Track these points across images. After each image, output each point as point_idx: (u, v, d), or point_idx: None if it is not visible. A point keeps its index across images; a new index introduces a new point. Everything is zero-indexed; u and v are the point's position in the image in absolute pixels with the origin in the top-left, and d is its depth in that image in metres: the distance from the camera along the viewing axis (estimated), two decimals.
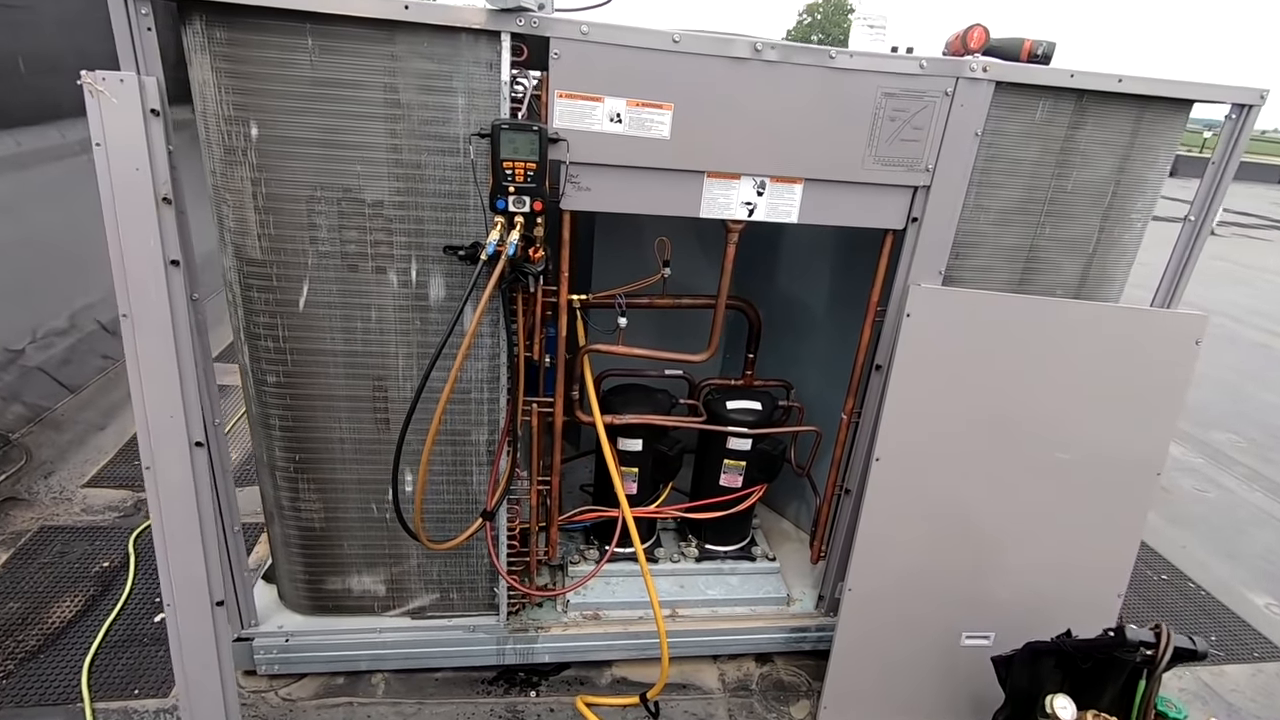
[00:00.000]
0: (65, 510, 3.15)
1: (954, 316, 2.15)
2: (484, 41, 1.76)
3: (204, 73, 1.74)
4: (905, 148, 1.99)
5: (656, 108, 1.86)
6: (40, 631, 2.56)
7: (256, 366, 2.07)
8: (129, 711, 2.31)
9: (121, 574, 2.83)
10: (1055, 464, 2.28)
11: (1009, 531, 2.35)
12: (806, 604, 2.70)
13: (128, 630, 2.59)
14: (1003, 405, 2.23)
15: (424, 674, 2.51)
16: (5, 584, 2.75)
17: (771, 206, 2.03)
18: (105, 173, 1.69)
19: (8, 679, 2.37)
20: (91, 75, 1.63)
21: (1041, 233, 2.18)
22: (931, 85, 1.93)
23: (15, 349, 3.63)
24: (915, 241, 2.11)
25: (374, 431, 2.17)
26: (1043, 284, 2.26)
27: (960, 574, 2.40)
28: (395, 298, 2.00)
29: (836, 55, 1.86)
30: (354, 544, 2.33)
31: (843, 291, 2.80)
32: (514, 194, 1.83)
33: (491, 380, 2.14)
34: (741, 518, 2.74)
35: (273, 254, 1.92)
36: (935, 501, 2.32)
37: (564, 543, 2.80)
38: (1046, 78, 1.96)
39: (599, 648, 2.55)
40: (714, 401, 2.62)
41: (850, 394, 2.39)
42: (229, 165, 1.83)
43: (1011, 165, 2.07)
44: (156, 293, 1.77)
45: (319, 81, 1.75)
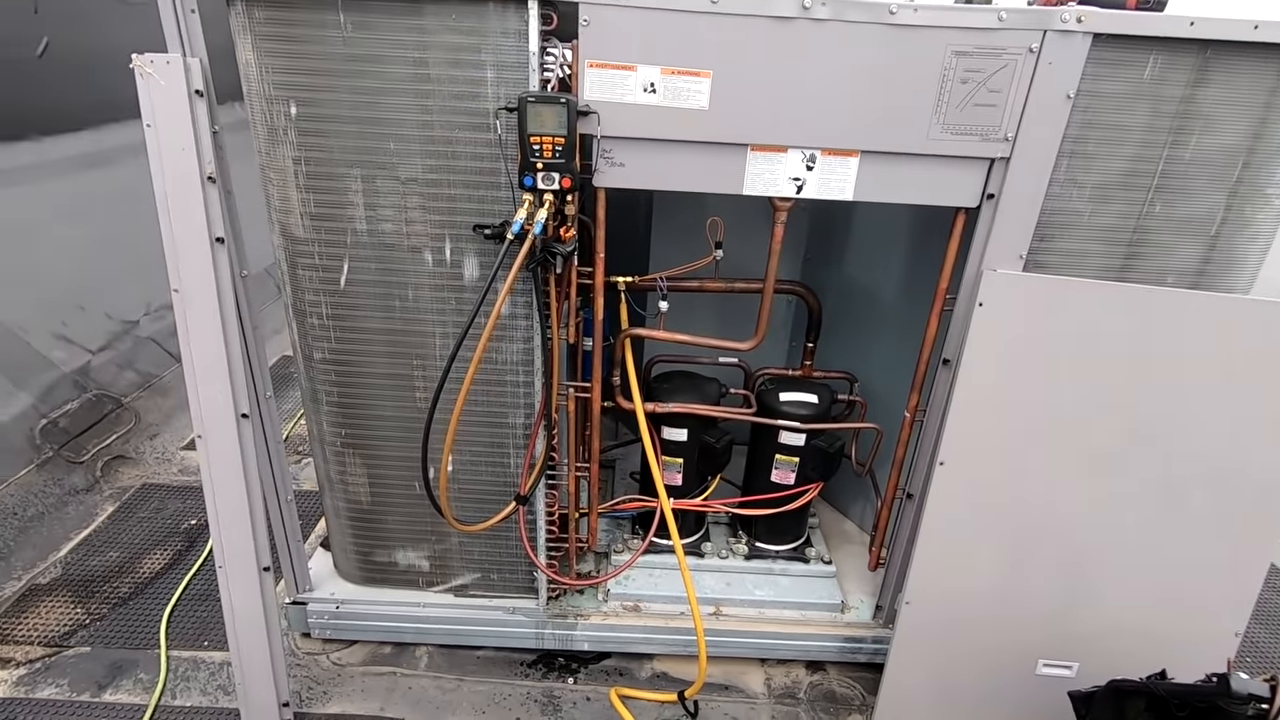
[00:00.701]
0: (165, 470, 3.43)
1: (1035, 307, 1.90)
2: (511, 10, 1.68)
3: (247, 53, 1.77)
4: (979, 114, 1.76)
5: (694, 75, 1.72)
6: (132, 580, 2.80)
7: (305, 342, 2.13)
8: (198, 661, 2.47)
9: (206, 532, 3.03)
10: (1161, 479, 1.98)
11: (1099, 552, 2.07)
12: (863, 613, 2.52)
13: (205, 585, 2.78)
14: (1093, 411, 1.95)
15: (465, 651, 2.54)
16: (109, 534, 3.02)
17: (823, 182, 1.86)
18: (155, 152, 1.76)
19: (101, 621, 2.60)
20: (141, 58, 1.69)
21: (1150, 211, 1.88)
22: (1012, 41, 1.69)
23: (131, 320, 3.98)
24: (991, 221, 1.87)
25: (414, 410, 2.18)
26: (1150, 270, 1.95)
27: (1038, 595, 2.15)
28: (431, 276, 1.99)
29: (898, 10, 1.66)
30: (398, 519, 2.37)
31: (915, 278, 2.55)
32: (542, 170, 1.76)
33: (526, 363, 2.09)
34: (795, 516, 2.58)
35: (315, 231, 1.95)
36: (1007, 513, 2.08)
37: (610, 530, 2.75)
38: (1159, 27, 1.67)
39: (638, 640, 2.48)
40: (767, 393, 2.46)
41: (915, 390, 2.18)
42: (272, 144, 1.86)
43: (1112, 132, 1.79)
44: (203, 269, 1.84)
45: (353, 58, 1.74)
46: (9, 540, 2.87)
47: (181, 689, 2.36)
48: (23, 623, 2.56)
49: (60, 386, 3.44)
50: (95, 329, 3.80)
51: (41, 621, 2.57)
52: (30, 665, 2.41)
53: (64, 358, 3.56)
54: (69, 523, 3.04)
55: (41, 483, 3.11)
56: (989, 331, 1.92)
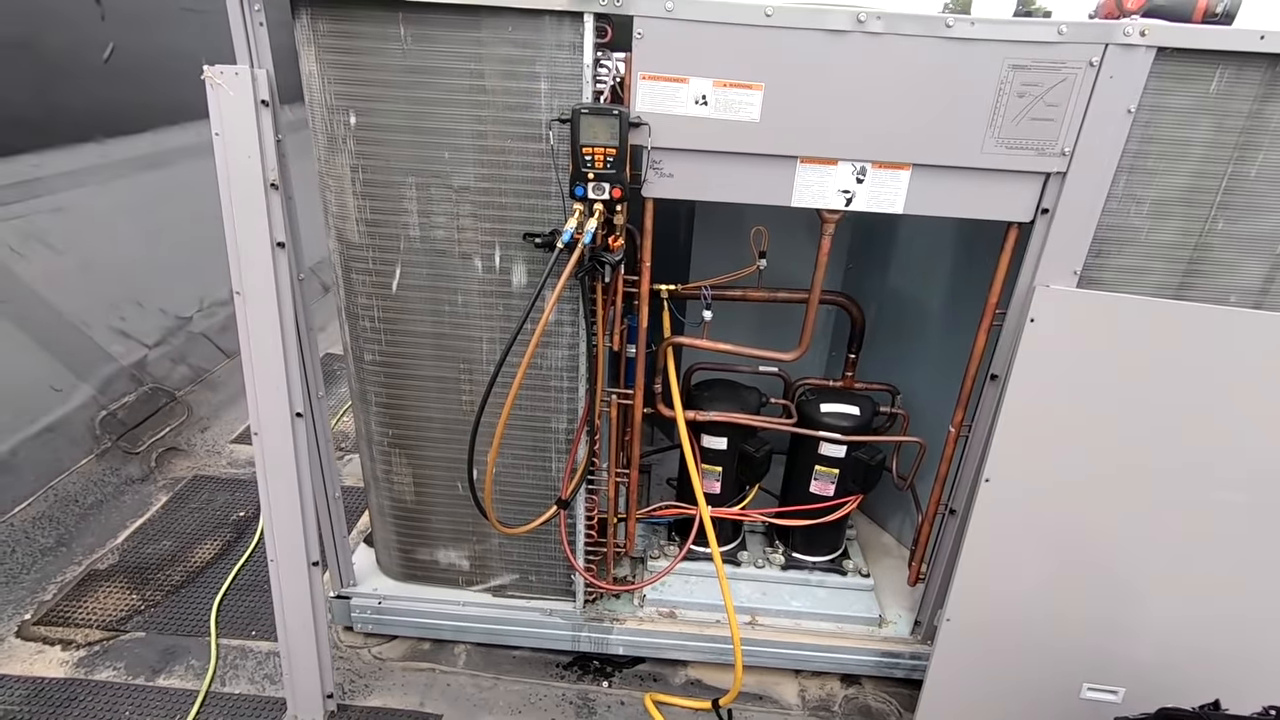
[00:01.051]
0: (215, 462, 3.54)
1: (1089, 324, 1.86)
2: (567, 23, 1.71)
3: (310, 64, 1.83)
4: (1036, 128, 1.73)
5: (745, 88, 1.73)
6: (184, 568, 2.90)
7: (356, 344, 2.19)
8: (246, 650, 2.55)
9: (253, 524, 3.13)
10: (1215, 501, 1.92)
11: (1148, 574, 2.02)
12: (901, 628, 2.49)
13: (253, 576, 2.86)
14: (1145, 431, 1.91)
15: (502, 650, 2.58)
16: (163, 523, 3.13)
17: (873, 195, 1.85)
18: (222, 160, 1.83)
19: (155, 608, 2.70)
20: (212, 69, 1.76)
21: (1212, 228, 1.83)
22: (1072, 55, 1.66)
23: (185, 316, 4.11)
24: (1045, 236, 1.84)
25: (460, 412, 2.23)
26: (1210, 289, 1.90)
27: (1083, 616, 2.10)
28: (480, 283, 2.03)
29: (955, 23, 1.65)
30: (441, 519, 2.42)
31: (962, 291, 2.52)
32: (593, 180, 1.79)
33: (571, 369, 2.12)
34: (833, 528, 2.56)
35: (369, 237, 2.00)
36: (1054, 533, 2.04)
37: (646, 535, 2.76)
38: (1226, 41, 1.63)
39: (673, 646, 2.49)
40: (807, 403, 2.45)
41: (960, 405, 2.15)
42: (331, 152, 1.92)
43: (1174, 147, 1.75)
44: (264, 272, 1.90)
45: (411, 69, 1.79)
46: (70, 526, 3.00)
47: (230, 676, 2.44)
48: (83, 606, 2.67)
49: (119, 379, 3.58)
50: (152, 324, 3.94)
51: (100, 606, 2.68)
52: (90, 648, 2.51)
53: (122, 351, 3.70)
54: (126, 511, 3.16)
55: (101, 472, 3.24)
56: (1040, 348, 1.89)
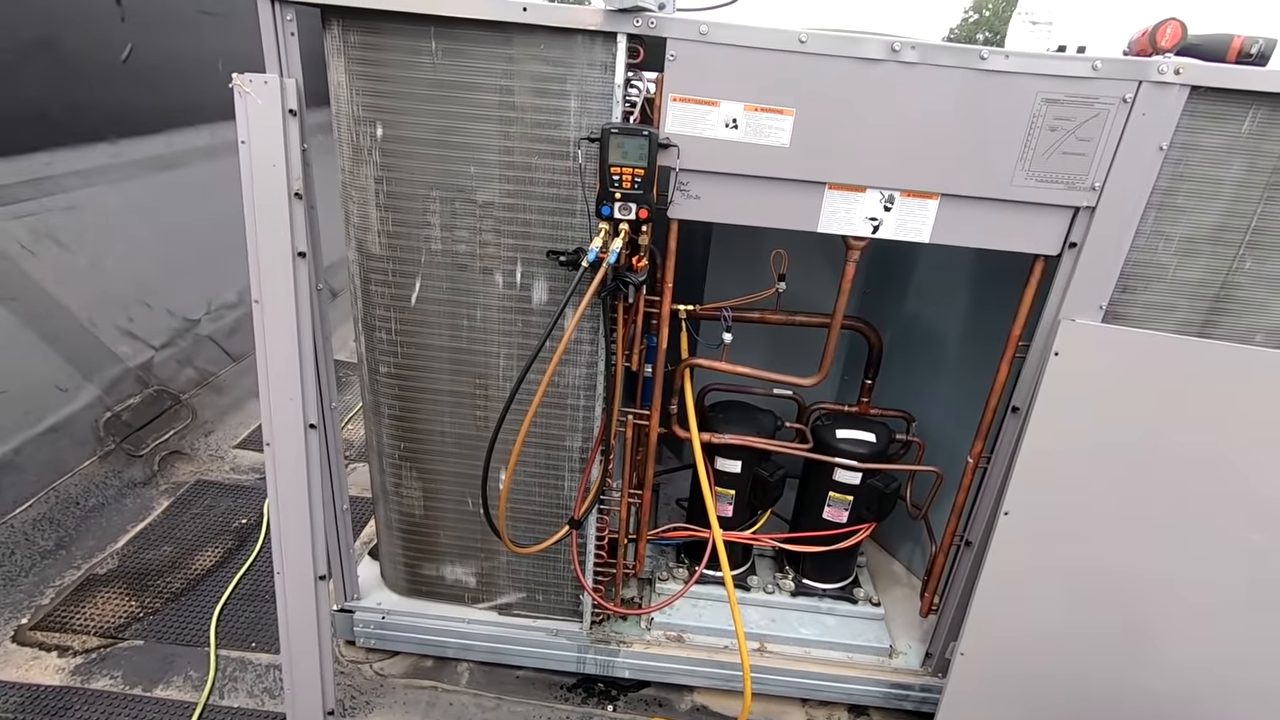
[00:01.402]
0: (218, 467, 3.51)
1: (1114, 359, 1.85)
2: (599, 43, 1.71)
3: (339, 75, 1.82)
4: (1066, 162, 1.73)
5: (777, 113, 1.72)
6: (185, 576, 2.86)
7: (371, 356, 2.17)
8: (245, 662, 2.51)
9: (255, 532, 3.10)
10: (1243, 546, 1.90)
11: (1170, 615, 2.00)
12: (911, 659, 2.46)
13: (254, 586, 2.82)
14: (1171, 470, 1.89)
15: (506, 669, 2.54)
16: (164, 529, 3.09)
17: (900, 224, 1.84)
18: (247, 168, 1.81)
19: (154, 615, 2.66)
20: (240, 77, 1.75)
21: (1239, 267, 1.82)
22: (1106, 90, 1.66)
23: (192, 318, 4.09)
24: (1072, 270, 1.83)
25: (473, 428, 2.21)
26: (1236, 328, 1.89)
27: (1102, 655, 2.07)
28: (500, 299, 2.02)
29: (989, 56, 1.64)
30: (449, 534, 2.38)
31: (980, 320, 2.51)
32: (620, 200, 1.78)
33: (588, 387, 2.10)
34: (845, 555, 2.53)
35: (390, 250, 1.99)
36: (1074, 570, 2.01)
37: (654, 556, 2.73)
38: (1260, 81, 1.62)
39: (680, 671, 2.45)
40: (823, 428, 2.43)
41: (980, 436, 2.13)
42: (356, 163, 1.91)
43: (1204, 186, 1.74)
44: (284, 282, 1.88)
45: (440, 83, 1.78)
46: (70, 529, 2.96)
47: (229, 689, 2.40)
48: (81, 612, 2.63)
49: (124, 381, 3.55)
50: (159, 326, 3.92)
51: (99, 611, 2.64)
52: (87, 655, 2.47)
53: (129, 353, 3.67)
54: (127, 515, 3.13)
55: (103, 474, 3.21)
56: (1064, 382, 1.88)
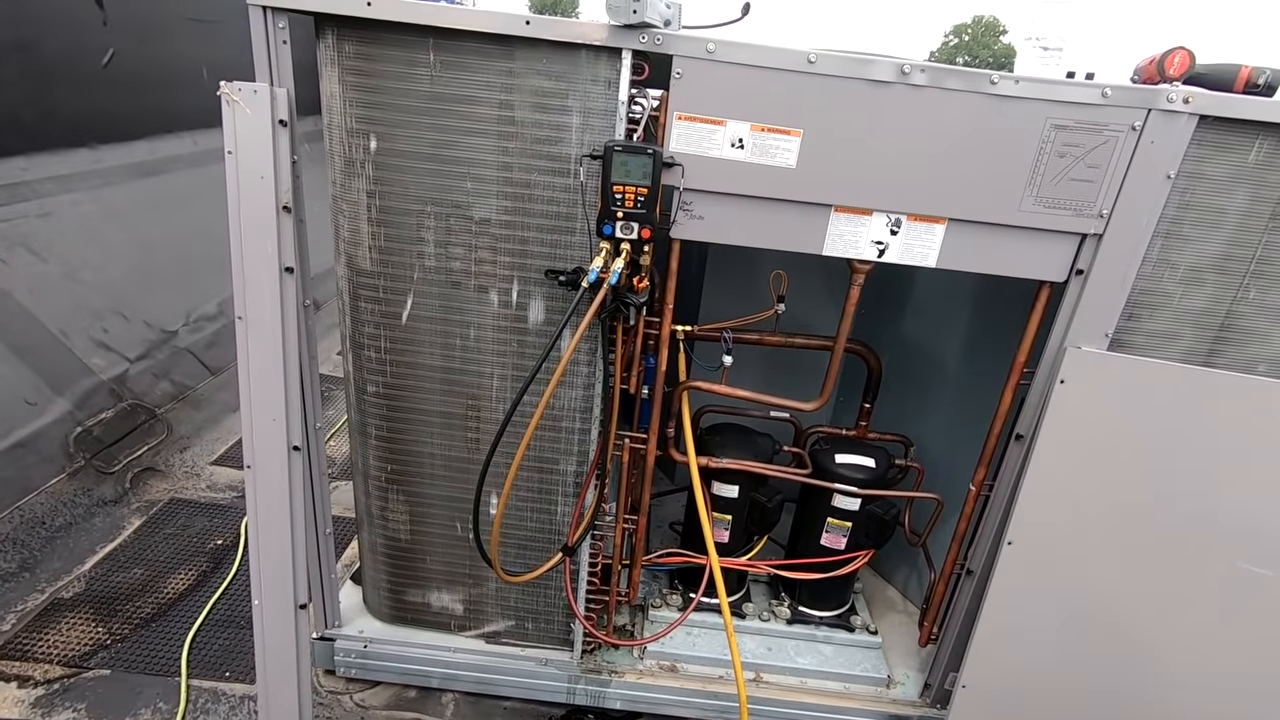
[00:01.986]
0: (193, 485, 3.39)
1: (1120, 388, 1.83)
2: (604, 59, 1.67)
3: (332, 85, 1.76)
4: (1074, 189, 1.71)
5: (784, 134, 1.69)
6: (155, 600, 2.73)
7: (359, 375, 2.09)
8: (218, 693, 2.39)
9: (231, 554, 2.98)
10: (1247, 579, 1.88)
11: (1175, 653, 1.97)
12: (909, 690, 2.41)
13: (229, 611, 2.71)
14: (1177, 500, 1.87)
15: (492, 700, 2.45)
16: (134, 550, 2.97)
17: (906, 248, 1.81)
18: (234, 179, 1.74)
19: (122, 643, 2.54)
20: (229, 85, 1.69)
21: (1244, 296, 1.81)
22: (1115, 118, 1.64)
23: (170, 330, 3.98)
24: (1079, 297, 1.81)
25: (464, 450, 2.13)
26: (1239, 357, 1.88)
27: (1105, 692, 2.04)
28: (495, 318, 1.95)
29: (999, 81, 1.62)
30: (436, 560, 2.30)
31: (980, 345, 2.49)
32: (622, 219, 1.73)
33: (585, 410, 2.04)
34: (842, 582, 2.48)
35: (381, 265, 1.92)
36: (1078, 601, 1.98)
37: (647, 582, 2.66)
38: (1268, 112, 1.62)
39: (673, 702, 2.38)
40: (821, 453, 2.39)
41: (982, 463, 2.09)
42: (348, 176, 1.85)
43: (1210, 215, 1.73)
44: (270, 297, 1.81)
45: (437, 97, 1.73)
46: (35, 550, 2.83)
47: None
48: (44, 639, 2.50)
49: (97, 394, 3.43)
50: (135, 337, 3.80)
51: (63, 639, 2.51)
52: (49, 685, 2.34)
53: (102, 365, 3.55)
54: (95, 535, 3.00)
55: (71, 492, 3.08)
56: (1069, 410, 1.85)
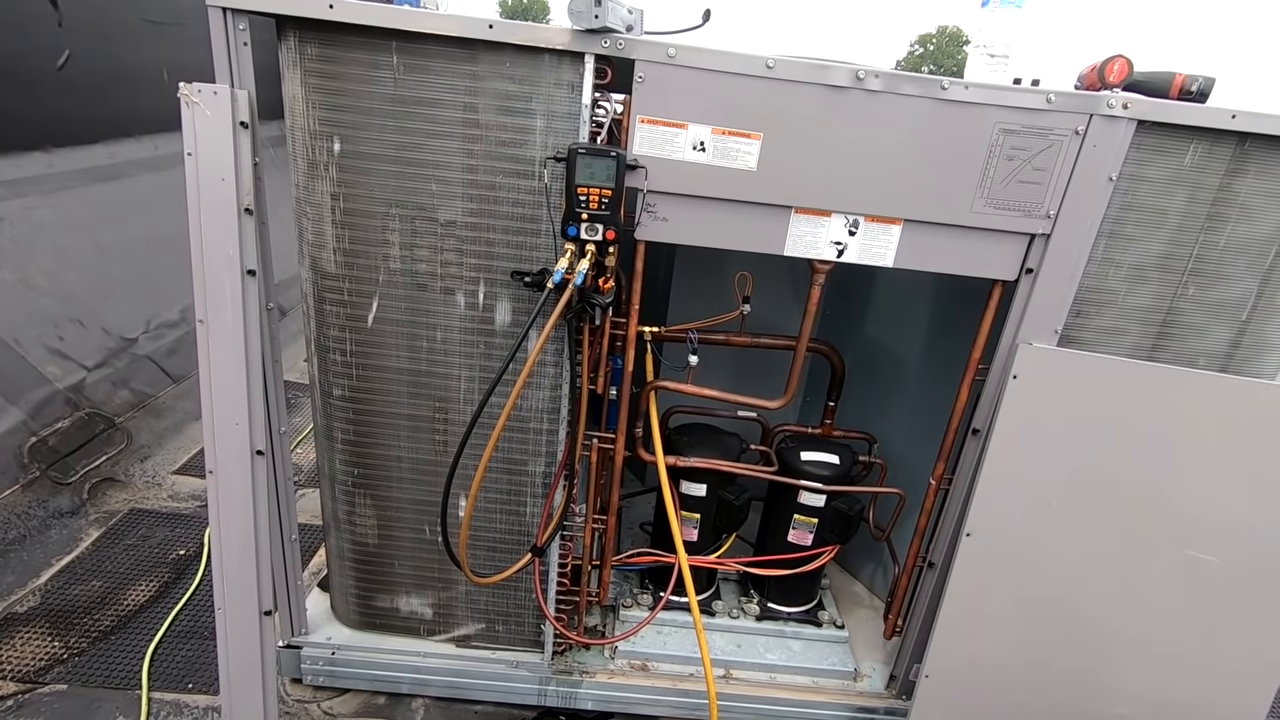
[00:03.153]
0: (154, 495, 3.31)
1: (1069, 382, 1.90)
2: (567, 63, 1.69)
3: (294, 87, 1.76)
4: (1023, 191, 1.78)
5: (744, 137, 1.73)
6: (115, 613, 2.67)
7: (324, 378, 2.08)
8: (180, 705, 2.35)
9: (194, 564, 2.93)
10: (1192, 563, 1.96)
11: (1127, 635, 2.04)
12: (875, 682, 2.45)
13: (191, 622, 2.66)
14: (1124, 489, 1.94)
15: (463, 704, 2.43)
16: (92, 562, 2.89)
17: (864, 248, 1.86)
18: (194, 182, 1.73)
19: (80, 656, 2.47)
20: (189, 86, 1.67)
21: (1183, 294, 1.89)
22: (1059, 122, 1.71)
23: (130, 337, 3.89)
24: (1029, 295, 1.88)
25: (432, 453, 2.13)
26: (1181, 352, 1.96)
27: (1062, 675, 2.10)
28: (461, 319, 1.96)
29: (949, 86, 1.68)
30: (405, 564, 2.29)
31: (939, 343, 2.55)
32: (587, 221, 1.75)
33: (552, 410, 2.05)
34: (809, 578, 2.53)
35: (346, 268, 1.91)
36: (1034, 589, 2.04)
37: (618, 582, 2.67)
38: (1201, 118, 1.70)
39: (645, 701, 2.39)
40: (787, 450, 2.43)
41: (941, 458, 2.15)
42: (311, 179, 1.84)
43: (1150, 215, 1.81)
44: (232, 301, 1.79)
45: (401, 99, 1.73)
46: None
47: None
48: None
49: (52, 403, 3.34)
50: (92, 345, 3.71)
51: (16, 654, 2.44)
52: (1, 702, 2.27)
53: (58, 373, 3.46)
54: (51, 548, 2.92)
55: (26, 504, 2.99)
56: (1022, 404, 1.91)
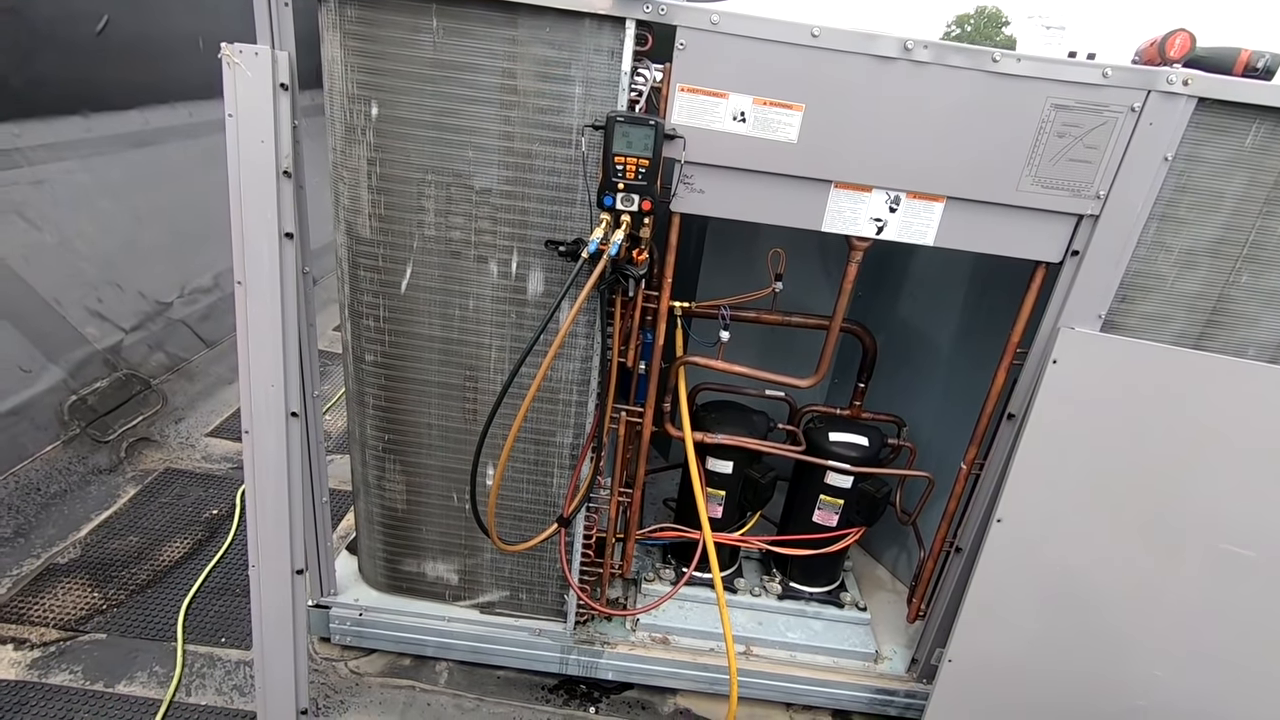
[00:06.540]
0: (188, 456, 3.39)
1: (1112, 369, 1.85)
2: (607, 28, 1.66)
3: (333, 50, 1.75)
4: (1073, 169, 1.72)
5: (786, 108, 1.69)
6: (151, 567, 2.75)
7: (357, 344, 2.09)
8: (214, 658, 2.42)
9: (226, 523, 2.99)
10: (1232, 560, 1.91)
11: (1159, 631, 2.00)
12: (896, 665, 2.45)
13: (224, 579, 2.73)
14: (1164, 481, 1.90)
15: (486, 670, 2.48)
16: (130, 518, 2.97)
17: (905, 225, 1.82)
18: (234, 143, 1.73)
19: (118, 608, 2.55)
20: (230, 47, 1.67)
21: (1235, 280, 1.83)
22: (1115, 98, 1.65)
23: (165, 302, 3.96)
24: (1073, 278, 1.83)
25: (461, 420, 2.15)
26: (1229, 341, 1.90)
27: (1089, 668, 2.08)
28: (494, 288, 1.96)
29: (1001, 59, 1.63)
30: (432, 530, 2.32)
31: (974, 326, 2.51)
32: (623, 191, 1.73)
33: (582, 382, 2.05)
34: (832, 559, 2.52)
35: (381, 234, 1.92)
36: (1064, 579, 2.01)
37: (640, 556, 2.69)
38: (1266, 96, 1.63)
39: (664, 674, 2.42)
40: (815, 430, 2.41)
41: (974, 443, 2.12)
42: (348, 143, 1.84)
43: (1206, 198, 1.75)
44: (270, 263, 1.81)
45: (440, 64, 1.72)
46: (30, 516, 2.83)
47: (196, 686, 2.31)
48: (39, 603, 2.52)
49: (91, 363, 3.42)
50: (129, 308, 3.78)
51: (58, 603, 2.52)
52: (45, 648, 2.36)
53: (97, 334, 3.53)
54: (90, 503, 3.00)
55: (66, 459, 3.08)
56: (1061, 390, 1.87)
